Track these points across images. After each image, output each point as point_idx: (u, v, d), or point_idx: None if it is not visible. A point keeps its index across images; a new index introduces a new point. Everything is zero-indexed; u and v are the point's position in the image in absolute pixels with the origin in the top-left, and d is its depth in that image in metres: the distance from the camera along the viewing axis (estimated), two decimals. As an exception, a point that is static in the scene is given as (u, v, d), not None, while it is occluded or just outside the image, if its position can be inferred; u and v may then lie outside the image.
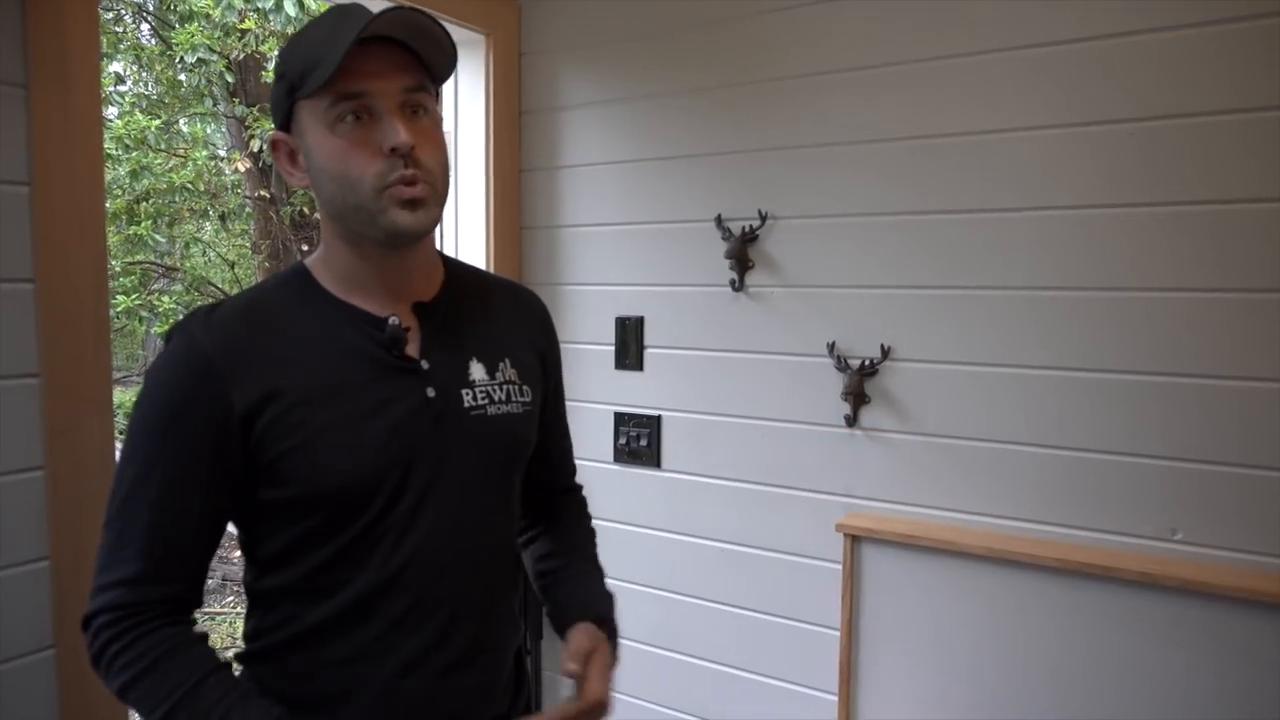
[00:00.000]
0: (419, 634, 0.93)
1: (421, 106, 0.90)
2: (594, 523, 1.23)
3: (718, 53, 1.93)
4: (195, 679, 0.85)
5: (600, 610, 1.07)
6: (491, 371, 1.00)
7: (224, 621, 4.47)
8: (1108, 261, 1.56)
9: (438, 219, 0.92)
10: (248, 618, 0.98)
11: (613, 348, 2.12)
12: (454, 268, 1.06)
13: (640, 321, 2.08)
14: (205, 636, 0.92)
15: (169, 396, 0.88)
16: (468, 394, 0.97)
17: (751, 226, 1.90)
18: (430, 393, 0.94)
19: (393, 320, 0.93)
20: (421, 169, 0.88)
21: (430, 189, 0.89)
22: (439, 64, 0.91)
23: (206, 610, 4.62)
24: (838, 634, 1.81)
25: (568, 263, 2.19)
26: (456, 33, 2.10)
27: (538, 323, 1.13)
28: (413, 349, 0.95)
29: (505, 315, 1.07)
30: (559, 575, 1.12)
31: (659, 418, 2.07)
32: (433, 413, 0.94)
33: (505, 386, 1.00)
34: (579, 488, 1.25)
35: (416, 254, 0.97)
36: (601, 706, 0.96)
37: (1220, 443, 1.49)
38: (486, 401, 0.98)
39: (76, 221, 1.37)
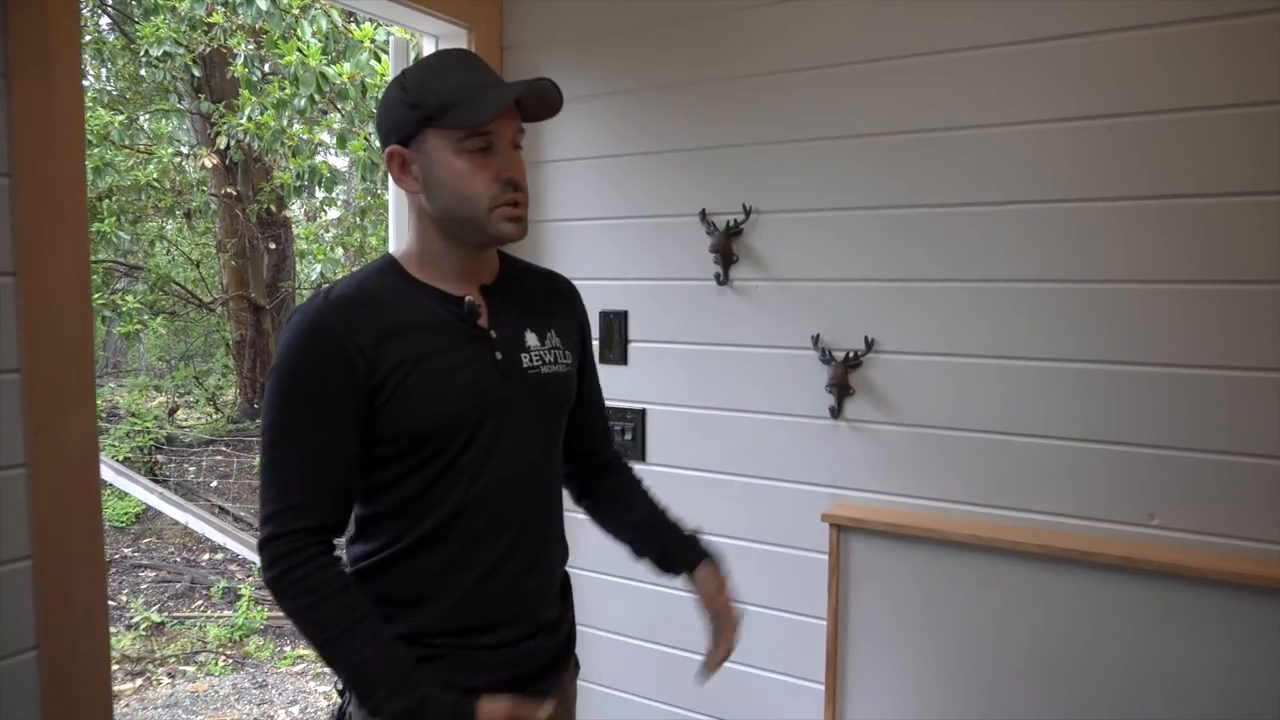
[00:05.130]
0: (492, 548, 1.16)
1: (521, 143, 1.17)
2: (578, 515, 1.43)
3: (701, 47, 1.95)
4: (353, 620, 1.07)
5: (707, 548, 1.38)
6: (542, 339, 1.24)
7: (214, 624, 4.41)
8: (1090, 253, 1.59)
9: (527, 228, 1.17)
10: (352, 544, 1.20)
11: (597, 342, 2.11)
12: (506, 258, 1.29)
13: (624, 316, 2.09)
14: (351, 580, 1.13)
15: (305, 356, 1.09)
16: (525, 356, 1.20)
17: (736, 221, 1.92)
18: (498, 355, 1.18)
19: (469, 299, 1.17)
20: (521, 192, 1.14)
21: (525, 208, 1.16)
22: (541, 118, 1.17)
23: (198, 615, 4.55)
24: (824, 623, 1.83)
25: (551, 257, 2.18)
26: (438, 25, 2.09)
27: (574, 302, 1.37)
28: (483, 321, 1.18)
29: (548, 295, 1.31)
30: (652, 525, 1.40)
31: (644, 411, 2.08)
32: (500, 371, 1.17)
33: (553, 351, 1.25)
34: (619, 453, 1.49)
35: (491, 249, 1.21)
36: (735, 627, 1.33)
37: (1195, 430, 1.53)
38: (540, 363, 1.22)
39: (58, 213, 1.35)
